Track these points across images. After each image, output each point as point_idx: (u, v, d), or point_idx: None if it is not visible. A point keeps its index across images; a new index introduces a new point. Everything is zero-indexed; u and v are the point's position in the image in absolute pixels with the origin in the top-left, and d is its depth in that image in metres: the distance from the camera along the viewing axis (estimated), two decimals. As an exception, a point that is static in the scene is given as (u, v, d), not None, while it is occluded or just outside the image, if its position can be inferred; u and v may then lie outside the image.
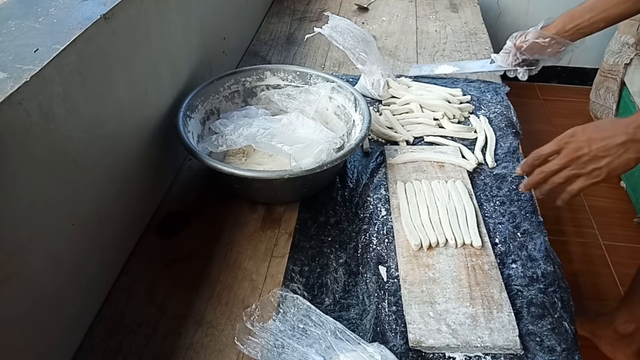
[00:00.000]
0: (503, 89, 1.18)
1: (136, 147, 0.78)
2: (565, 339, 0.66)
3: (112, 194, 0.72)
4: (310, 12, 1.59)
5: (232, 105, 1.00)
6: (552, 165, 0.69)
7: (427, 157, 0.95)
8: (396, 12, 1.58)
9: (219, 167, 0.77)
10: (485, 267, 0.74)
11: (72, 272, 0.63)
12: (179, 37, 0.90)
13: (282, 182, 0.80)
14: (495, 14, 2.16)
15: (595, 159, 0.65)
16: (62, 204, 0.60)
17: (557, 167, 0.68)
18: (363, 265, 0.77)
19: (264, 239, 0.82)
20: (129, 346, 0.66)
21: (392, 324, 0.68)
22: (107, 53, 0.67)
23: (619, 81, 1.79)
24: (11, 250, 0.52)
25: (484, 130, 1.03)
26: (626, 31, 1.75)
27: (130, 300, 0.72)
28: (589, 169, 0.65)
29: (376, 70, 1.10)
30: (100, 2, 0.68)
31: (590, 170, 0.65)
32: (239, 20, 1.29)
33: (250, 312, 0.66)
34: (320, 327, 0.63)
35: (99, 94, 0.66)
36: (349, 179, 0.93)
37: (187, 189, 0.92)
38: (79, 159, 0.62)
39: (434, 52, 1.35)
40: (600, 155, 0.64)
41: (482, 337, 0.65)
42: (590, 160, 0.65)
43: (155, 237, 0.82)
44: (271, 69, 1.02)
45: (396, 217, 0.83)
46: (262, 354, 0.61)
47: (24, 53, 0.55)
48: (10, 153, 0.50)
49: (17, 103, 0.50)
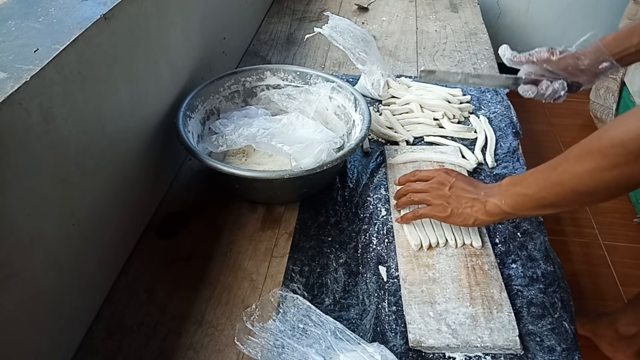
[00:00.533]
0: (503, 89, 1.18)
1: (136, 147, 0.78)
2: (565, 339, 0.66)
3: (112, 194, 0.72)
4: (310, 12, 1.59)
5: (232, 105, 1.00)
6: (416, 184, 0.79)
7: (427, 157, 0.95)
8: (396, 12, 1.58)
9: (219, 167, 0.77)
10: (485, 267, 0.74)
11: (72, 272, 0.63)
12: (179, 37, 0.90)
13: (282, 182, 0.80)
14: (495, 14, 2.16)
15: (447, 198, 0.74)
16: (62, 204, 0.60)
17: (419, 188, 0.78)
18: (363, 265, 0.77)
19: (264, 239, 0.82)
20: (129, 346, 0.66)
21: (392, 324, 0.68)
22: (107, 53, 0.67)
23: (619, 81, 1.79)
24: (11, 250, 0.52)
25: (484, 130, 1.03)
26: (626, 31, 1.74)
27: (130, 300, 0.72)
28: (437, 202, 0.74)
29: (376, 70, 1.10)
30: (100, 2, 0.68)
31: (438, 204, 0.74)
32: (239, 20, 1.29)
33: (250, 312, 0.66)
34: (320, 327, 0.63)
35: (99, 94, 0.66)
36: (349, 179, 0.93)
37: (187, 189, 0.92)
38: (79, 159, 0.62)
39: (434, 52, 1.35)
40: (452, 198, 0.73)
41: (482, 337, 0.65)
42: (443, 197, 0.74)
43: (155, 237, 0.82)
44: (271, 69, 1.02)
45: (396, 217, 0.83)
46: (262, 354, 0.61)
47: (24, 53, 0.55)
48: (10, 153, 0.50)
49: (17, 103, 0.50)
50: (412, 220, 0.78)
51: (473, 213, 0.71)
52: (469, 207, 0.72)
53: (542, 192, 0.63)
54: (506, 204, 0.68)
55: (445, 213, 0.73)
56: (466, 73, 0.89)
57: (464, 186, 0.74)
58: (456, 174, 0.77)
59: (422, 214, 0.77)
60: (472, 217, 0.71)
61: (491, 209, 0.69)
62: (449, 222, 0.75)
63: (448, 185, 0.75)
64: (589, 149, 0.57)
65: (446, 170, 0.78)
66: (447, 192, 0.74)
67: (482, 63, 1.30)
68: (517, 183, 0.67)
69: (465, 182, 0.75)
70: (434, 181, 0.77)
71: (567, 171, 0.59)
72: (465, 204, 0.72)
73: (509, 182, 0.69)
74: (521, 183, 0.66)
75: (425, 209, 0.76)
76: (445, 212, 0.73)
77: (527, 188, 0.65)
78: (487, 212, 0.70)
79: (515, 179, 0.69)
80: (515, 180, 0.68)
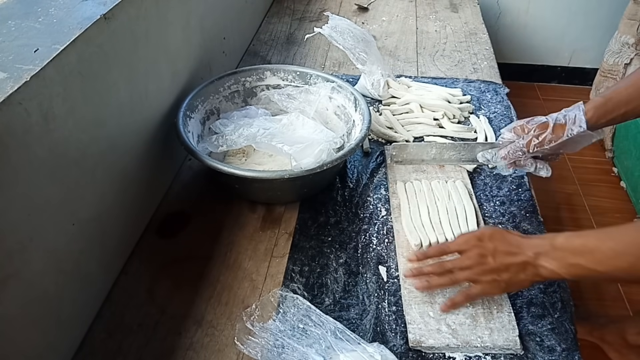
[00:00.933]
0: (503, 89, 1.18)
1: (136, 147, 0.78)
2: (565, 339, 0.66)
3: (112, 194, 0.72)
4: (310, 12, 1.59)
5: (232, 105, 1.00)
6: (452, 262, 0.68)
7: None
8: (396, 12, 1.58)
9: (219, 167, 0.77)
10: (485, 267, 0.74)
11: (72, 272, 0.63)
12: (179, 37, 0.90)
13: (282, 182, 0.80)
14: (495, 14, 2.16)
15: (497, 271, 0.65)
16: (62, 204, 0.60)
17: (458, 266, 0.67)
18: (363, 265, 0.77)
19: (264, 239, 0.82)
20: (129, 346, 0.66)
21: (392, 324, 0.68)
22: (107, 53, 0.67)
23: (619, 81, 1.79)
24: (11, 250, 0.52)
25: (484, 130, 1.03)
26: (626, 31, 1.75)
27: (130, 300, 0.72)
28: (489, 279, 0.65)
29: (376, 70, 1.10)
30: (100, 2, 0.68)
31: (490, 280, 0.65)
32: (239, 20, 1.29)
33: (250, 312, 0.66)
34: (320, 327, 0.63)
35: (99, 94, 0.66)
36: (349, 179, 0.93)
37: (187, 189, 0.92)
38: (79, 159, 0.62)
39: (434, 52, 1.35)
40: (501, 268, 0.64)
41: (482, 337, 0.65)
42: (491, 271, 0.65)
43: (155, 237, 0.82)
44: (271, 69, 1.02)
45: (396, 217, 0.83)
46: (262, 354, 0.61)
47: (24, 53, 0.55)
48: (10, 153, 0.50)
49: (17, 103, 0.50)
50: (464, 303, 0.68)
51: (528, 277, 0.63)
52: (521, 272, 0.63)
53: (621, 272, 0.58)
54: (567, 273, 0.60)
55: (501, 288, 0.66)
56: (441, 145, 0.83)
57: (506, 249, 0.64)
58: (489, 234, 0.67)
59: (476, 295, 0.67)
60: (528, 282, 0.64)
61: (547, 275, 0.62)
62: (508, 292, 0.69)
63: (489, 255, 0.65)
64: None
65: (478, 236, 0.67)
66: (492, 263, 0.65)
67: (482, 63, 1.30)
68: (580, 253, 0.59)
69: (504, 243, 0.65)
70: (472, 255, 0.66)
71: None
72: (516, 270, 0.64)
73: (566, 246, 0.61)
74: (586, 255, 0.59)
75: (477, 289, 0.67)
76: (500, 287, 0.66)
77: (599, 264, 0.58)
78: (542, 277, 0.63)
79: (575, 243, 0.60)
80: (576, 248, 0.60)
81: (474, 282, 0.67)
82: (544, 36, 2.22)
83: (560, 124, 0.75)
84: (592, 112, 0.73)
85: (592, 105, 0.74)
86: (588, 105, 0.74)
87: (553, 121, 0.75)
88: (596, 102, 0.74)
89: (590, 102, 0.75)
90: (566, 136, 0.74)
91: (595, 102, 0.74)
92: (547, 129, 0.75)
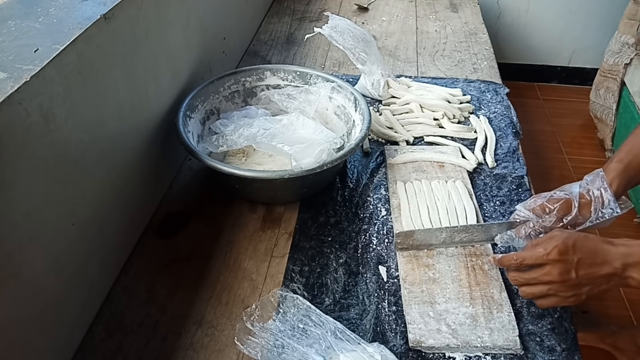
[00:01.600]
0: (503, 89, 1.18)
1: (136, 147, 0.78)
2: (565, 339, 0.66)
3: (112, 194, 0.72)
4: (310, 12, 1.59)
5: (232, 105, 1.00)
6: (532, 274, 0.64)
7: (427, 157, 0.94)
8: (396, 12, 1.58)
9: (219, 167, 0.77)
10: (485, 267, 0.74)
11: (72, 272, 0.63)
12: (179, 37, 0.90)
13: (282, 182, 0.80)
14: (495, 14, 2.16)
15: (578, 286, 0.61)
16: (62, 204, 0.60)
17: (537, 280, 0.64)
18: (363, 265, 0.77)
19: (264, 239, 0.82)
20: (129, 346, 0.66)
21: (392, 324, 0.68)
22: (107, 53, 0.67)
23: (619, 81, 1.79)
24: (11, 250, 0.52)
25: (484, 130, 1.03)
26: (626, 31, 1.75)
27: (130, 300, 0.72)
28: (568, 295, 0.62)
29: (376, 70, 1.10)
30: (100, 2, 0.68)
31: (569, 296, 0.62)
32: (239, 20, 1.29)
33: (250, 312, 0.66)
34: (320, 327, 0.63)
35: (99, 94, 0.66)
36: (349, 179, 0.93)
37: (187, 189, 0.92)
38: (78, 159, 0.62)
39: (434, 52, 1.35)
40: (584, 284, 0.61)
41: (482, 337, 0.65)
42: (572, 287, 0.62)
43: (155, 237, 0.82)
44: (271, 69, 1.02)
45: (396, 217, 0.83)
46: (262, 354, 0.61)
47: (24, 53, 0.55)
48: (10, 153, 0.50)
49: (17, 103, 0.50)
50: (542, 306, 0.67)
51: (611, 287, 0.61)
52: (604, 284, 0.61)
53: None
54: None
55: (580, 300, 0.62)
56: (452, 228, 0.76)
57: (591, 261, 0.60)
58: (573, 248, 0.61)
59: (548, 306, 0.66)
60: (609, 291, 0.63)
61: (636, 285, 0.59)
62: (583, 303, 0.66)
63: (572, 270, 0.61)
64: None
65: (560, 250, 0.61)
66: (574, 279, 0.61)
67: (482, 63, 1.30)
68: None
69: (589, 253, 0.61)
70: (554, 273, 0.61)
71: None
72: (600, 282, 0.61)
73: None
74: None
75: (551, 301, 0.64)
76: (580, 301, 0.62)
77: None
78: (629, 286, 0.61)
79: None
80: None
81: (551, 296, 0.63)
82: (544, 36, 2.22)
83: (586, 202, 0.69)
84: (616, 183, 0.69)
85: (613, 174, 0.70)
86: (609, 175, 0.70)
87: (577, 199, 0.69)
88: (616, 170, 0.70)
89: (610, 169, 0.70)
90: (596, 220, 0.69)
91: (615, 169, 0.70)
92: (571, 208, 0.69)
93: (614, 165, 0.71)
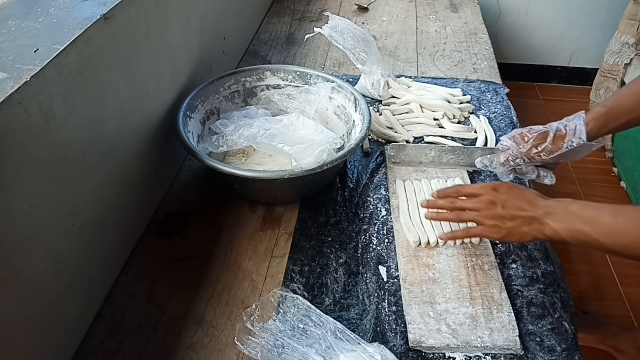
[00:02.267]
0: (503, 89, 1.18)
1: (136, 147, 0.78)
2: (565, 339, 0.66)
3: (112, 194, 0.72)
4: (310, 12, 1.59)
5: (232, 105, 1.00)
6: (464, 202, 0.73)
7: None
8: (396, 12, 1.58)
9: (219, 167, 0.77)
10: (485, 267, 0.74)
11: (72, 272, 0.63)
12: (179, 37, 0.90)
13: (282, 182, 0.80)
14: (495, 14, 2.16)
15: (502, 219, 0.68)
16: (62, 204, 0.60)
17: (467, 207, 0.72)
18: (363, 265, 0.77)
19: (264, 239, 0.82)
20: (129, 346, 0.66)
21: (392, 324, 0.68)
22: (107, 53, 0.67)
23: (619, 81, 1.79)
24: (11, 250, 0.52)
25: (484, 130, 1.03)
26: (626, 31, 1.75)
27: (130, 300, 0.72)
28: (490, 223, 0.69)
29: (376, 70, 1.09)
30: (100, 2, 0.68)
31: (492, 225, 0.69)
32: (239, 20, 1.29)
33: (250, 312, 0.66)
34: (320, 327, 0.63)
35: (99, 94, 0.66)
36: (349, 179, 0.93)
37: (187, 189, 0.92)
38: (78, 159, 0.62)
39: (434, 52, 1.35)
40: (507, 217, 0.68)
41: (482, 337, 0.65)
42: (496, 217, 0.69)
43: (155, 237, 0.82)
44: (271, 69, 1.02)
45: (396, 217, 0.83)
46: (262, 354, 0.61)
47: (24, 53, 0.55)
48: (10, 153, 0.50)
49: (17, 103, 0.50)
50: (462, 238, 0.74)
51: (530, 232, 0.67)
52: (525, 225, 0.67)
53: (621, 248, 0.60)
54: (570, 237, 0.64)
55: (501, 234, 0.69)
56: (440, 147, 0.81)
57: (517, 204, 0.68)
58: (506, 188, 0.71)
59: (475, 234, 0.73)
60: (530, 236, 0.67)
61: (550, 234, 0.65)
62: (505, 241, 0.71)
63: (499, 205, 0.69)
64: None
65: (494, 186, 0.72)
66: (500, 211, 0.69)
67: (482, 63, 1.30)
68: (590, 222, 0.62)
69: (518, 198, 0.69)
70: (484, 200, 0.71)
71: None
72: (522, 222, 0.67)
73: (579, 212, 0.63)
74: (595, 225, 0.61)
75: (478, 229, 0.72)
76: (500, 234, 0.69)
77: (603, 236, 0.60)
78: (545, 235, 0.66)
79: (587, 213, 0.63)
80: (587, 216, 0.62)
81: (477, 224, 0.71)
82: (544, 36, 2.22)
83: (561, 135, 0.75)
84: (592, 122, 0.74)
85: (593, 115, 0.74)
86: (589, 116, 0.74)
87: (553, 131, 0.76)
88: (597, 112, 0.74)
89: (592, 111, 0.75)
90: (566, 148, 0.74)
91: (597, 112, 0.74)
92: (547, 138, 0.76)
93: (597, 108, 0.75)
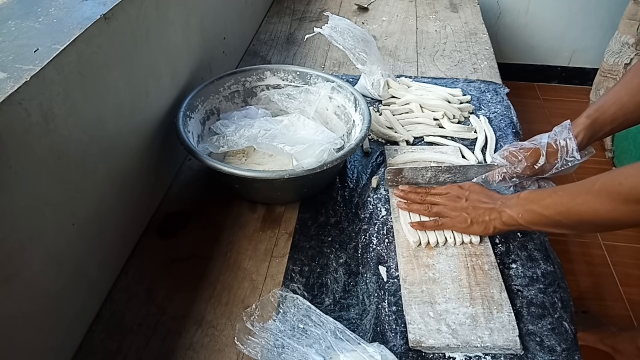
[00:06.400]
0: (503, 89, 1.18)
1: (136, 147, 0.78)
2: (565, 339, 0.66)
3: (112, 194, 0.72)
4: (310, 12, 1.59)
5: (232, 105, 1.00)
6: (433, 198, 0.80)
7: (427, 157, 0.95)
8: (396, 12, 1.58)
9: (219, 167, 0.77)
10: (485, 267, 0.74)
11: (72, 272, 0.63)
12: (179, 37, 0.90)
13: (282, 182, 0.80)
14: (495, 14, 2.16)
15: (465, 209, 0.76)
16: (62, 204, 0.60)
17: (436, 201, 0.80)
18: (363, 265, 0.77)
19: (264, 239, 0.82)
20: (129, 346, 0.66)
21: (392, 324, 0.68)
22: (107, 53, 0.67)
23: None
24: (11, 250, 0.52)
25: (484, 130, 1.03)
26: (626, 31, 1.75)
27: (130, 300, 0.72)
28: (456, 214, 0.77)
29: (376, 70, 1.10)
30: (100, 2, 0.68)
31: (456, 215, 0.77)
32: (239, 20, 1.29)
33: (250, 312, 0.66)
34: (320, 327, 0.63)
35: (99, 94, 0.66)
36: (349, 179, 0.93)
37: (187, 189, 0.92)
38: (79, 159, 0.62)
39: (434, 52, 1.35)
40: (470, 209, 0.76)
41: (482, 337, 0.65)
42: (460, 208, 0.77)
43: (155, 237, 0.82)
44: (271, 69, 1.02)
45: (396, 217, 0.83)
46: (262, 354, 0.61)
47: (24, 53, 0.55)
48: (10, 153, 0.50)
49: (17, 103, 0.50)
50: (431, 229, 0.78)
51: (491, 222, 0.74)
52: (487, 215, 0.74)
53: (559, 216, 0.66)
54: (522, 218, 0.70)
55: (466, 223, 0.76)
56: (436, 168, 0.85)
57: (478, 197, 0.77)
58: (469, 185, 0.80)
59: (443, 224, 0.78)
60: (491, 226, 0.74)
61: (507, 219, 0.72)
62: (471, 232, 0.76)
63: (464, 198, 0.78)
64: (610, 191, 0.60)
65: (459, 185, 0.81)
66: (463, 203, 0.77)
67: (482, 63, 1.30)
68: (535, 201, 0.69)
69: (479, 193, 0.78)
70: (450, 195, 0.79)
71: (586, 204, 0.63)
72: (483, 213, 0.75)
73: (527, 197, 0.71)
74: (539, 202, 0.69)
75: (446, 220, 0.78)
76: (465, 223, 0.76)
77: (545, 209, 0.67)
78: (503, 222, 0.73)
79: (534, 195, 0.71)
80: (533, 197, 0.70)
81: (445, 216, 0.78)
82: (544, 36, 2.22)
83: (552, 151, 0.80)
84: (581, 135, 0.78)
85: (580, 127, 0.79)
86: (576, 128, 0.79)
87: (544, 149, 0.80)
88: (583, 124, 0.78)
89: (578, 123, 0.79)
90: (561, 166, 0.79)
91: (582, 123, 0.79)
92: (539, 156, 0.80)
93: (582, 119, 0.79)
